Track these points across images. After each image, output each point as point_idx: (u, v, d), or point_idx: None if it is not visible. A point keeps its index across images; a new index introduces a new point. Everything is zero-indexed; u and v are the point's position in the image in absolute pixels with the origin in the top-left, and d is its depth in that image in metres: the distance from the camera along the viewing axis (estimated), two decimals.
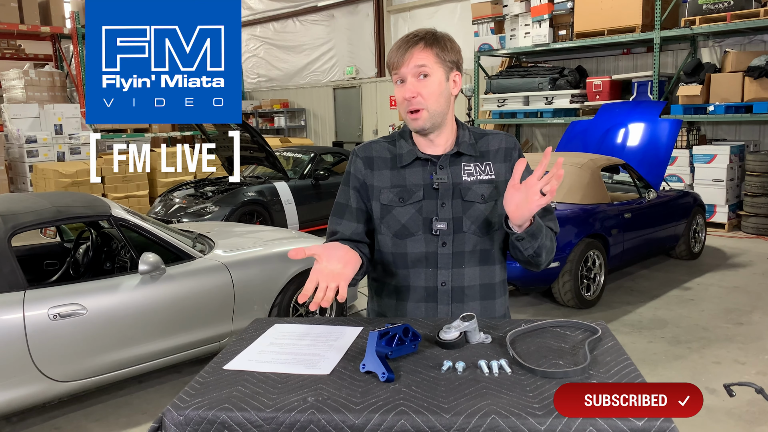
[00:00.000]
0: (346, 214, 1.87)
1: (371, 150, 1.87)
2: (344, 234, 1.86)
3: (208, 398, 1.35)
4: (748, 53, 8.50)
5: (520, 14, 10.43)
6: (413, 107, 1.71)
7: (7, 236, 3.30)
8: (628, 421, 1.22)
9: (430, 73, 1.70)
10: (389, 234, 1.82)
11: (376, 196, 1.83)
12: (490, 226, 1.80)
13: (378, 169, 1.84)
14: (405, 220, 1.80)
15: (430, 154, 1.81)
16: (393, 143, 1.87)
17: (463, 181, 1.79)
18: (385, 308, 1.90)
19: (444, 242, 1.78)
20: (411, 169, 1.81)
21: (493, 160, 1.83)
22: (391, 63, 1.73)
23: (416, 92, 1.70)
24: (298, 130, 17.25)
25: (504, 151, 1.84)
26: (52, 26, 11.95)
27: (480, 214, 1.79)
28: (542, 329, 1.71)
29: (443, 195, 1.78)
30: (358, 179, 1.86)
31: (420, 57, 1.70)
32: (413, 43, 1.70)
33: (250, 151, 8.29)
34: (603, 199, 5.64)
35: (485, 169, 1.81)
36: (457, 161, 1.81)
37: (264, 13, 17.54)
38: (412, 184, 1.80)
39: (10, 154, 10.95)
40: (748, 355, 4.32)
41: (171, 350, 3.74)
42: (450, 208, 1.77)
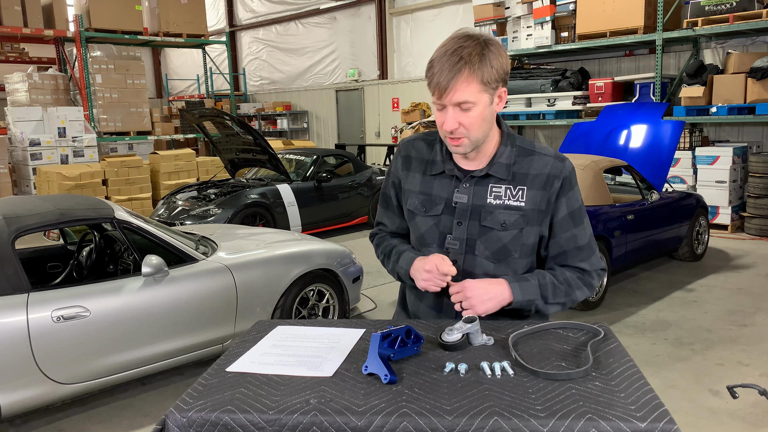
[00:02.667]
0: (390, 207, 1.93)
1: (412, 149, 1.85)
2: (390, 228, 1.95)
3: (211, 400, 1.35)
4: (751, 54, 8.48)
5: (522, 16, 10.43)
6: (455, 137, 1.63)
7: (10, 239, 3.31)
8: (631, 423, 1.22)
9: (473, 106, 1.59)
10: (413, 237, 1.87)
11: (405, 199, 1.85)
12: (507, 254, 1.72)
13: (412, 171, 1.83)
14: (424, 230, 1.80)
15: (462, 167, 1.74)
16: (431, 145, 1.81)
17: (487, 203, 1.70)
18: (409, 300, 1.93)
19: (455, 260, 1.73)
20: (440, 179, 1.77)
21: (529, 185, 1.69)
22: (431, 85, 1.60)
23: (457, 124, 1.61)
24: (301, 132, 17.27)
25: (545, 178, 1.69)
26: (55, 29, 12.00)
27: (497, 241, 1.70)
28: (545, 331, 1.71)
29: (460, 214, 1.72)
30: (397, 177, 1.88)
31: (463, 91, 1.56)
32: (457, 71, 1.55)
33: (252, 153, 8.31)
34: (605, 201, 5.63)
35: (516, 195, 1.69)
36: (485, 181, 1.71)
37: (266, 15, 17.58)
38: (437, 196, 1.77)
39: (13, 156, 10.98)
40: (751, 356, 4.31)
41: (174, 352, 3.75)
42: (465, 229, 1.72)
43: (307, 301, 4.41)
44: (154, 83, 20.83)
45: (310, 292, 4.41)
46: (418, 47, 14.02)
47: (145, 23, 13.03)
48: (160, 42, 13.45)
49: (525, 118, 10.75)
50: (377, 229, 1.99)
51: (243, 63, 18.90)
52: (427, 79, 1.62)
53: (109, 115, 12.12)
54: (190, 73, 19.63)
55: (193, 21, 13.30)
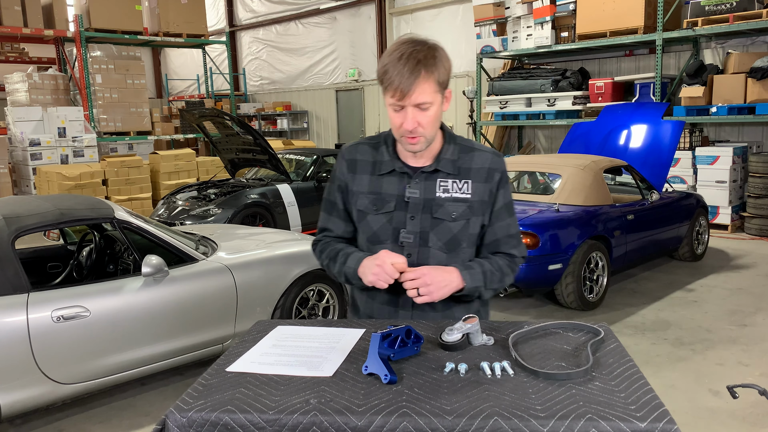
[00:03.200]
0: (334, 212, 1.95)
1: (356, 152, 1.91)
2: (336, 232, 1.96)
3: (211, 400, 1.35)
4: (751, 54, 8.48)
5: (522, 16, 10.43)
6: (414, 135, 1.72)
7: (10, 239, 3.31)
8: (631, 423, 1.22)
9: (430, 105, 1.70)
10: (364, 237, 1.90)
11: (354, 201, 1.89)
12: (457, 244, 1.83)
13: (359, 173, 1.89)
14: (376, 228, 1.85)
15: (410, 164, 1.84)
16: (376, 147, 1.90)
17: (437, 197, 1.81)
18: (361, 304, 1.97)
19: (409, 254, 1.82)
20: (388, 178, 1.85)
21: (473, 178, 1.83)
22: (391, 89, 1.67)
23: (416, 123, 1.71)
24: (301, 132, 17.27)
25: (486, 172, 1.84)
26: (55, 29, 12.00)
27: (448, 232, 1.81)
28: (545, 331, 1.71)
29: (413, 209, 1.82)
30: (342, 181, 1.91)
31: (424, 92, 1.66)
32: (417, 73, 1.64)
33: (252, 153, 8.31)
34: (606, 201, 5.63)
35: (462, 187, 1.82)
36: (433, 176, 1.82)
37: (266, 15, 17.58)
38: (387, 194, 1.85)
39: (13, 156, 10.98)
40: (751, 356, 4.31)
41: (174, 352, 3.75)
42: (418, 222, 1.81)
43: (307, 301, 4.41)
44: (154, 83, 20.82)
45: (310, 292, 4.41)
46: None
47: (145, 23, 13.03)
48: (160, 42, 13.44)
49: (525, 118, 10.76)
50: (321, 235, 2.00)
51: (243, 63, 18.90)
52: (383, 83, 1.70)
53: (109, 115, 12.12)
54: (190, 73, 19.63)
55: (193, 21, 13.30)
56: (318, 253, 2.00)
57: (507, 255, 1.88)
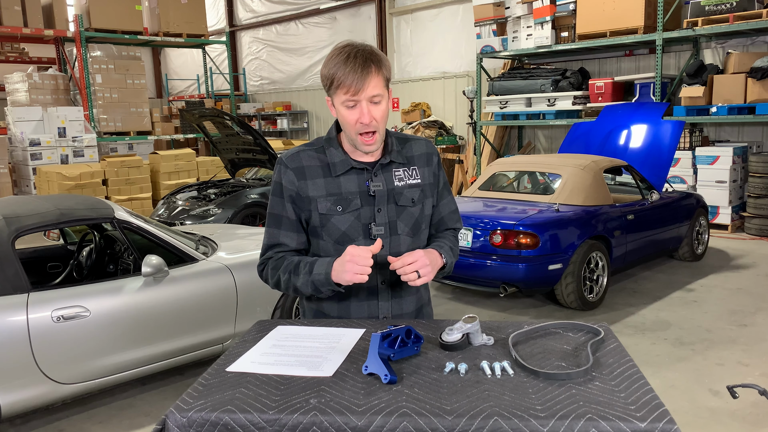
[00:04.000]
0: (285, 224, 1.90)
1: (300, 159, 1.89)
2: (290, 245, 1.91)
3: (211, 400, 1.35)
4: (751, 54, 8.48)
5: (522, 16, 10.42)
6: (370, 130, 1.78)
7: (10, 239, 3.31)
8: (631, 423, 1.22)
9: (382, 99, 1.78)
10: (330, 240, 1.87)
11: (314, 206, 1.86)
12: (419, 227, 1.94)
13: (311, 178, 1.86)
14: (345, 228, 1.85)
15: (363, 161, 1.88)
16: (321, 150, 1.90)
17: (396, 186, 1.89)
18: (327, 309, 1.94)
19: (382, 245, 1.82)
20: (346, 177, 1.87)
21: (418, 164, 1.95)
22: (344, 86, 1.72)
23: (372, 117, 1.76)
24: (301, 132, 17.27)
25: (426, 156, 1.97)
26: (55, 29, 12.00)
27: (411, 217, 1.91)
28: (545, 331, 1.71)
29: (379, 201, 1.87)
30: (292, 191, 1.87)
31: (376, 85, 1.74)
32: (368, 68, 1.72)
33: (252, 153, 8.30)
34: (606, 201, 5.63)
35: (413, 174, 1.93)
36: (388, 168, 1.90)
37: (266, 15, 17.58)
38: (348, 192, 1.85)
39: (13, 156, 10.98)
40: (751, 356, 4.31)
41: (174, 352, 3.75)
42: (386, 213, 1.87)
43: None
44: (154, 83, 20.82)
45: None
46: (418, 47, 14.02)
47: (145, 23, 13.03)
48: (160, 42, 13.44)
49: (525, 118, 10.75)
50: (271, 252, 1.91)
51: (243, 63, 18.90)
52: (332, 85, 1.75)
53: (109, 115, 12.12)
54: (190, 73, 19.63)
55: (193, 21, 13.30)
56: (270, 271, 1.89)
57: (452, 230, 2.05)
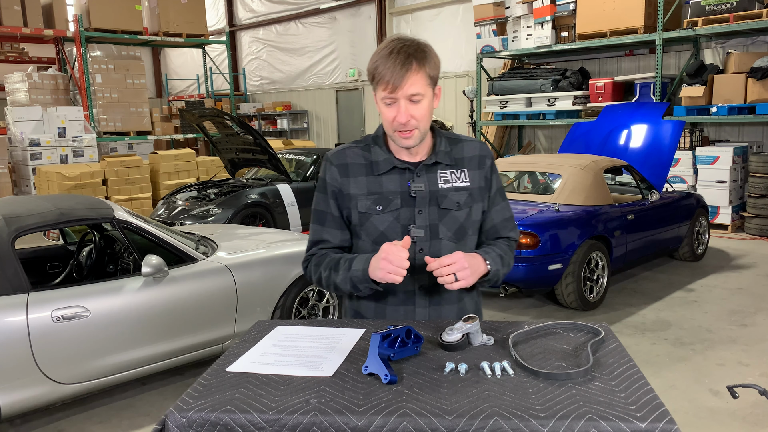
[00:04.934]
0: (329, 221, 1.89)
1: (345, 157, 1.87)
2: (332, 242, 1.89)
3: (211, 400, 1.35)
4: (751, 54, 8.48)
5: (522, 16, 10.42)
6: (407, 128, 1.73)
7: (10, 239, 3.31)
8: (631, 423, 1.21)
9: (422, 98, 1.72)
10: (368, 240, 1.85)
11: (354, 204, 1.84)
12: (464, 232, 1.85)
13: (354, 176, 1.85)
14: (384, 228, 1.82)
15: (407, 161, 1.83)
16: (367, 149, 1.87)
17: (440, 188, 1.83)
18: (364, 309, 1.91)
19: (421, 248, 1.81)
20: (388, 176, 1.83)
21: (467, 167, 1.87)
22: (383, 83, 1.69)
23: (410, 116, 1.71)
24: (301, 132, 17.27)
25: (478, 159, 1.89)
26: (55, 29, 11.99)
27: (455, 221, 1.83)
28: (545, 331, 1.71)
29: (420, 203, 1.81)
30: (335, 187, 1.86)
31: (416, 83, 1.69)
32: (408, 65, 1.67)
33: (252, 153, 8.30)
34: (606, 201, 5.63)
35: (460, 176, 1.85)
36: (433, 168, 1.84)
37: (266, 15, 17.58)
38: (390, 192, 1.82)
39: (13, 156, 10.98)
40: (751, 356, 4.31)
41: (174, 352, 3.75)
42: (427, 216, 1.81)
43: (307, 301, 4.41)
44: (154, 83, 20.82)
45: (310, 292, 4.41)
46: None
47: (145, 23, 13.03)
48: (160, 42, 13.44)
49: (525, 118, 10.75)
50: (315, 249, 1.90)
51: (243, 63, 18.89)
52: (374, 79, 1.73)
53: (109, 115, 12.12)
54: (190, 73, 19.63)
55: (193, 21, 13.30)
56: (313, 267, 1.89)
57: (506, 239, 1.94)
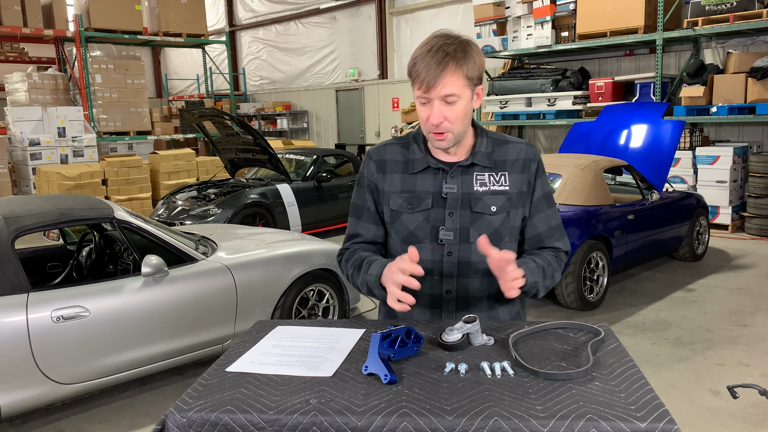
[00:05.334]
0: (365, 216, 1.87)
1: (385, 153, 1.85)
2: (366, 237, 1.87)
3: (211, 400, 1.35)
4: (751, 54, 8.48)
5: (522, 16, 10.42)
6: (440, 131, 1.68)
7: (10, 239, 3.31)
8: (631, 423, 1.21)
9: (458, 99, 1.65)
10: (398, 239, 1.83)
11: (386, 201, 1.82)
12: (499, 238, 1.77)
13: (390, 173, 1.82)
14: (413, 227, 1.79)
15: (444, 161, 1.78)
16: (407, 147, 1.84)
17: (474, 191, 1.76)
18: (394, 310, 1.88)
19: (450, 251, 1.77)
20: (422, 175, 1.79)
21: (509, 170, 1.78)
22: (418, 81, 1.65)
23: (443, 117, 1.66)
24: (301, 132, 17.27)
25: (522, 162, 1.79)
26: (55, 29, 11.99)
27: (488, 226, 1.76)
28: (545, 331, 1.71)
29: (451, 204, 1.76)
30: (371, 182, 1.85)
31: (451, 84, 1.62)
32: (444, 65, 1.61)
33: (252, 153, 8.31)
34: (606, 201, 5.63)
35: (499, 180, 1.77)
36: (470, 170, 1.77)
37: (266, 15, 17.58)
38: (422, 191, 1.78)
39: (13, 156, 10.98)
40: (752, 356, 4.31)
41: (174, 352, 3.75)
42: (458, 218, 1.75)
43: (307, 301, 4.41)
44: (154, 83, 20.82)
45: (310, 292, 4.41)
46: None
47: (144, 23, 13.02)
48: (159, 42, 13.44)
49: (525, 118, 10.75)
50: (349, 243, 1.89)
51: (243, 63, 18.89)
52: (411, 75, 1.68)
53: (109, 115, 12.12)
54: (190, 72, 19.63)
55: (192, 21, 13.30)
56: (344, 262, 1.88)
57: (552, 249, 1.83)
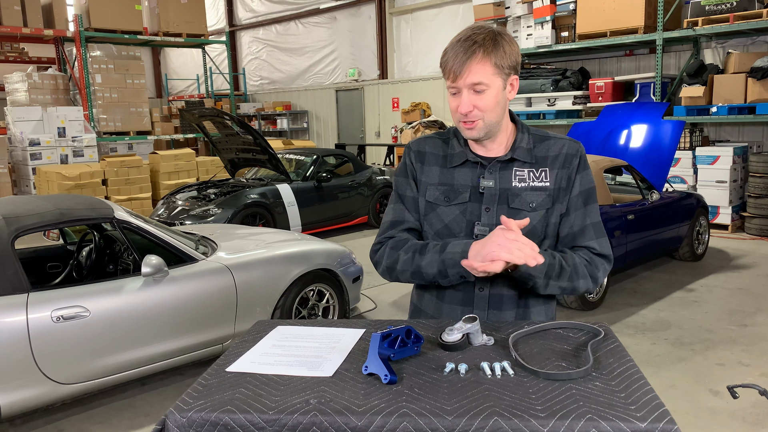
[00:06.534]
0: (409, 203, 1.83)
1: (425, 145, 1.84)
2: (412, 224, 1.82)
3: (211, 400, 1.35)
4: (751, 54, 8.48)
5: (522, 16, 10.43)
6: (469, 119, 1.66)
7: (10, 239, 3.31)
8: (631, 423, 1.21)
9: (487, 88, 1.63)
10: (431, 232, 1.79)
11: (423, 192, 1.80)
12: (536, 234, 1.72)
13: (428, 164, 1.81)
14: (448, 220, 1.76)
15: (482, 156, 1.76)
16: (446, 141, 1.82)
17: (513, 186, 1.73)
18: (426, 304, 1.87)
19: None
20: (461, 169, 1.77)
21: (550, 166, 1.74)
22: (446, 71, 1.65)
23: (472, 106, 1.64)
24: (301, 132, 17.27)
25: (564, 158, 1.75)
26: (55, 29, 11.99)
27: None
28: (545, 331, 1.70)
29: (488, 200, 1.73)
30: (413, 170, 1.83)
31: (477, 72, 1.60)
32: (471, 53, 1.60)
33: (252, 153, 8.31)
34: (606, 201, 5.63)
35: (540, 176, 1.73)
36: (509, 165, 1.74)
37: (266, 15, 17.58)
38: (460, 185, 1.76)
39: (13, 156, 10.98)
40: (752, 356, 4.31)
41: (174, 352, 3.75)
42: (494, 214, 1.71)
43: (307, 301, 4.41)
44: (154, 83, 20.82)
45: (310, 292, 4.41)
46: (417, 47, 14.02)
47: (144, 23, 13.03)
48: (159, 42, 13.44)
49: (525, 118, 10.74)
50: (393, 231, 1.81)
51: (243, 63, 18.90)
52: (441, 66, 1.67)
53: (109, 115, 12.12)
54: (190, 72, 19.63)
55: (192, 21, 13.30)
56: (388, 250, 1.78)
57: (586, 249, 1.74)
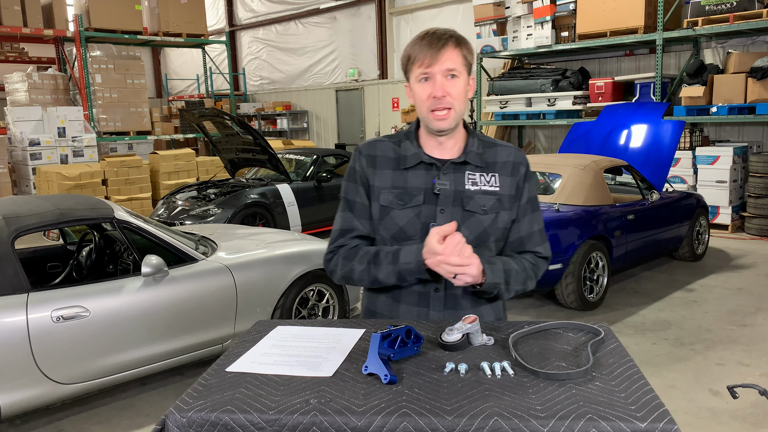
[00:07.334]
0: (358, 210, 1.83)
1: (375, 149, 1.84)
2: (362, 231, 1.83)
3: (211, 400, 1.35)
4: (751, 54, 8.48)
5: (522, 16, 10.43)
6: (443, 105, 1.68)
7: (10, 239, 3.31)
8: (631, 423, 1.21)
9: (458, 75, 1.68)
10: (387, 236, 1.80)
11: (376, 197, 1.80)
12: (486, 237, 1.77)
13: (380, 168, 1.81)
14: (403, 223, 1.77)
15: (436, 157, 1.78)
16: (398, 143, 1.83)
17: (466, 189, 1.76)
18: (380, 307, 1.88)
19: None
20: (414, 171, 1.78)
21: (499, 172, 1.79)
22: (418, 60, 1.67)
23: (446, 92, 1.67)
24: (301, 132, 17.27)
25: (512, 165, 1.80)
26: (55, 29, 11.99)
27: (478, 225, 1.76)
28: (545, 331, 1.71)
29: (443, 201, 1.75)
30: (363, 176, 1.82)
31: (452, 58, 1.66)
32: (444, 42, 1.66)
33: (252, 153, 8.31)
34: (606, 201, 5.63)
35: (490, 180, 1.78)
36: (462, 169, 1.77)
37: (266, 15, 17.58)
38: (414, 187, 1.77)
39: (13, 156, 10.98)
40: (752, 356, 4.31)
41: (174, 352, 3.75)
42: (449, 215, 1.74)
43: (307, 301, 4.41)
44: (154, 83, 20.82)
45: (310, 292, 4.41)
46: None
47: (144, 23, 13.02)
48: (159, 42, 13.44)
49: (525, 118, 10.75)
50: (344, 239, 1.82)
51: (243, 63, 18.89)
52: (408, 62, 1.71)
53: (109, 115, 12.12)
54: (190, 72, 19.63)
55: (192, 21, 13.29)
56: (341, 261, 1.80)
57: (532, 254, 1.83)
